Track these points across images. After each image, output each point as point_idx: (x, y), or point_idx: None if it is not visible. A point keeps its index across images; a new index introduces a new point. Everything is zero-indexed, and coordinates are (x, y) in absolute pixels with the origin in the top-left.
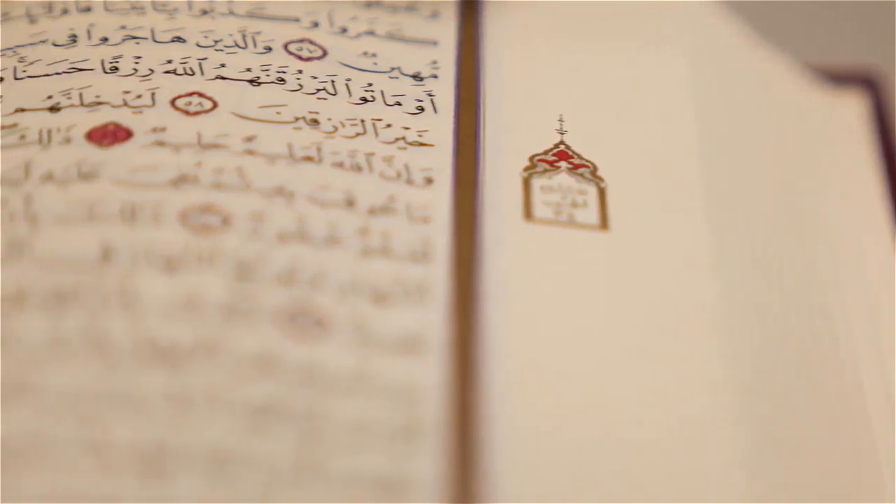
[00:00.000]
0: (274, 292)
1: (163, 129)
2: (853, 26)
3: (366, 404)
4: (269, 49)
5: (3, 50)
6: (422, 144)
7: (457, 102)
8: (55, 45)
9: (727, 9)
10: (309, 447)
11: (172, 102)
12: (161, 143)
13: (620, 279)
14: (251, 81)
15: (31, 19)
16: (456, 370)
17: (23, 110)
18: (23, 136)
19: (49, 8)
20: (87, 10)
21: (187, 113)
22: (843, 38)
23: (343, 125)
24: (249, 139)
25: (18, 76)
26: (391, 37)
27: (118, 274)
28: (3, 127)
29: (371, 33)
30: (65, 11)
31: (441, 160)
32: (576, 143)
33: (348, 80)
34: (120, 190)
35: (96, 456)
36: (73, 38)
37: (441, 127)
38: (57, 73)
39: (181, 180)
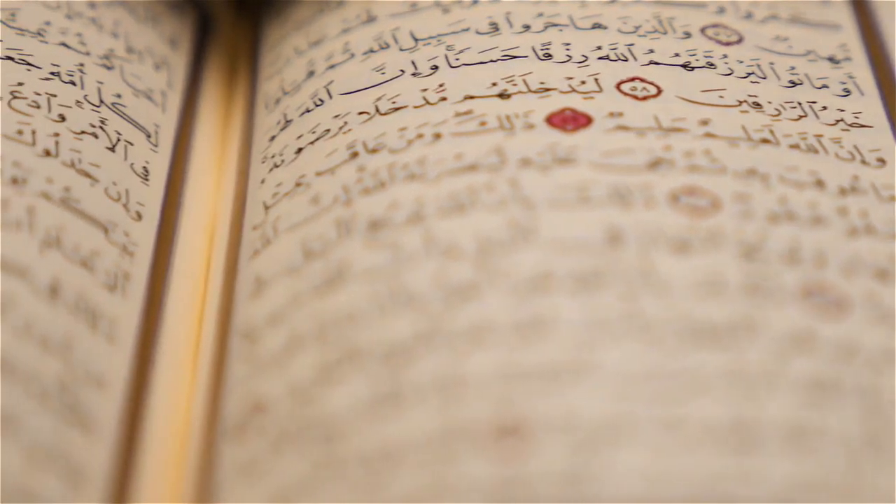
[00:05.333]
0: (783, 272)
1: (620, 114)
2: None
3: None
4: (688, 34)
5: (425, 39)
6: (861, 126)
7: (878, 85)
8: (478, 33)
9: None
10: (871, 421)
11: (618, 87)
12: (623, 128)
13: None
14: (684, 66)
15: (444, 9)
16: None
17: (472, 97)
18: (483, 123)
19: None
20: None
21: (636, 98)
22: None
23: (784, 108)
24: (705, 122)
25: (453, 64)
26: (794, 21)
27: (633, 257)
28: (457, 114)
29: (775, 17)
30: (475, 1)
31: (883, 141)
32: None
33: (772, 63)
34: (601, 174)
35: (675, 434)
36: (495, 26)
37: (871, 108)
38: (492, 61)
39: (657, 164)
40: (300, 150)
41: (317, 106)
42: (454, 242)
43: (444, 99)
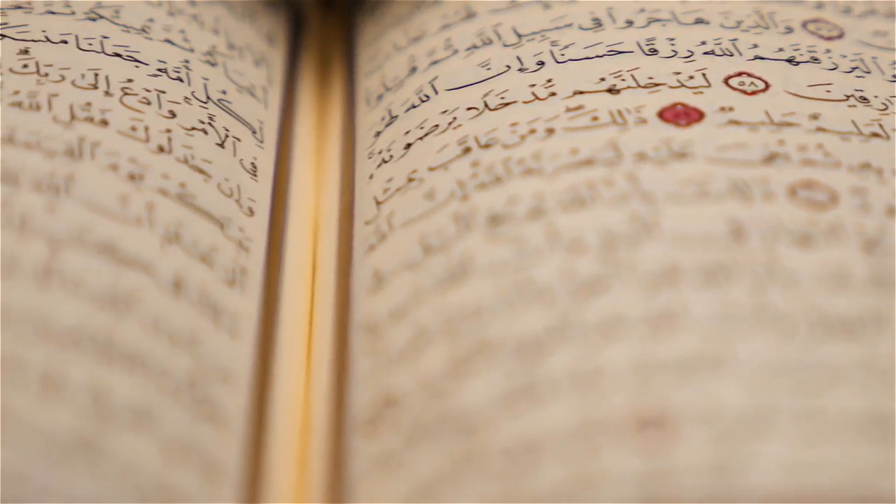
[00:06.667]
0: None
1: (731, 109)
2: None
3: None
4: (789, 29)
5: (528, 35)
6: None
7: None
8: (581, 28)
9: None
10: None
11: (726, 82)
12: (735, 123)
13: None
14: (789, 61)
15: (545, 5)
16: None
17: (581, 92)
18: (595, 118)
19: None
20: None
21: (745, 92)
22: None
23: (891, 102)
24: (815, 117)
25: (559, 60)
26: (892, 15)
27: (758, 250)
28: (568, 109)
29: (873, 13)
30: None
31: None
32: None
33: (874, 58)
34: (718, 168)
35: (816, 425)
36: (598, 22)
37: None
38: (598, 56)
39: (772, 158)
40: (409, 145)
41: (422, 102)
42: (578, 237)
43: (553, 94)
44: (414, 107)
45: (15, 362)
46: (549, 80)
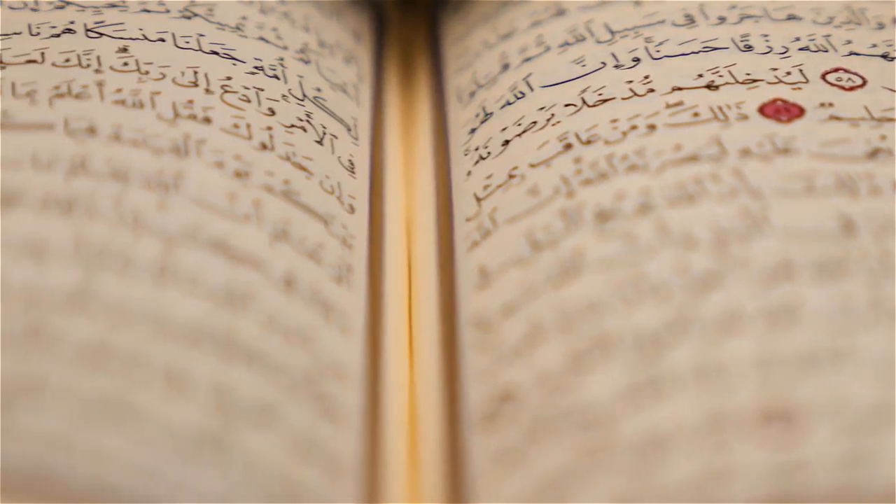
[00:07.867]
0: None
1: (830, 105)
2: None
3: None
4: (881, 25)
5: (621, 31)
6: None
7: None
8: (674, 25)
9: None
10: None
11: (823, 78)
12: (836, 118)
13: None
14: (883, 56)
15: (636, 3)
16: None
17: (680, 89)
18: (695, 114)
19: None
20: None
21: (843, 88)
22: None
23: None
24: None
25: (654, 56)
26: None
27: (870, 244)
28: (668, 105)
29: None
30: None
31: None
32: None
33: None
34: (823, 164)
35: None
36: (690, 18)
37: None
38: (693, 53)
39: (875, 153)
40: (507, 142)
41: (518, 98)
42: (688, 232)
43: (651, 91)
44: (509, 104)
45: (138, 360)
46: (646, 77)
